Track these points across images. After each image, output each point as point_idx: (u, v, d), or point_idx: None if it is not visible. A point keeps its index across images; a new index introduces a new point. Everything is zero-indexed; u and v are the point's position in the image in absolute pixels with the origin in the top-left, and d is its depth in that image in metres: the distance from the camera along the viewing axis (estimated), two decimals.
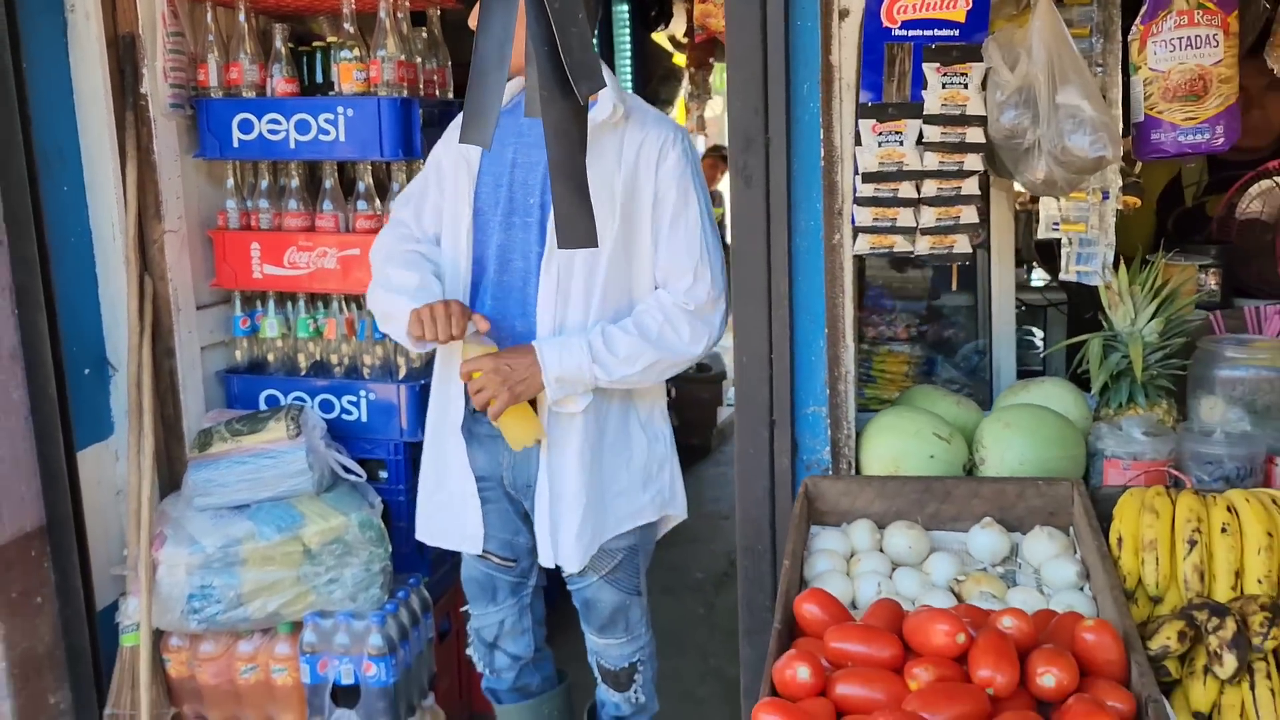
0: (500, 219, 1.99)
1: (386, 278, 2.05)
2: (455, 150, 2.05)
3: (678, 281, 1.95)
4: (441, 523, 2.21)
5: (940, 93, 1.83)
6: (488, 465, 2.12)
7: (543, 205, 1.95)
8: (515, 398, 1.92)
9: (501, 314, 2.00)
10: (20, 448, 2.34)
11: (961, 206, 1.90)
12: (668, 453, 2.13)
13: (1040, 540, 1.66)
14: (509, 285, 2.00)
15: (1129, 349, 2.06)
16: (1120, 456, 1.94)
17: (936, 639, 1.24)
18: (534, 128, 1.96)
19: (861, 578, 1.61)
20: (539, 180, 1.95)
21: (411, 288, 1.99)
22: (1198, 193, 2.65)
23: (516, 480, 2.12)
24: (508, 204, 1.99)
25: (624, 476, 2.07)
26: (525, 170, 1.97)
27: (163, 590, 2.45)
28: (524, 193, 1.98)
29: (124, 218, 2.51)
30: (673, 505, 2.16)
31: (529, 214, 1.96)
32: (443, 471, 2.18)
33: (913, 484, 1.78)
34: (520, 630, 2.30)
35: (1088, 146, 1.71)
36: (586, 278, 1.94)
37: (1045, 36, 1.77)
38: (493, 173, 2.01)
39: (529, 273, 1.97)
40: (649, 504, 2.11)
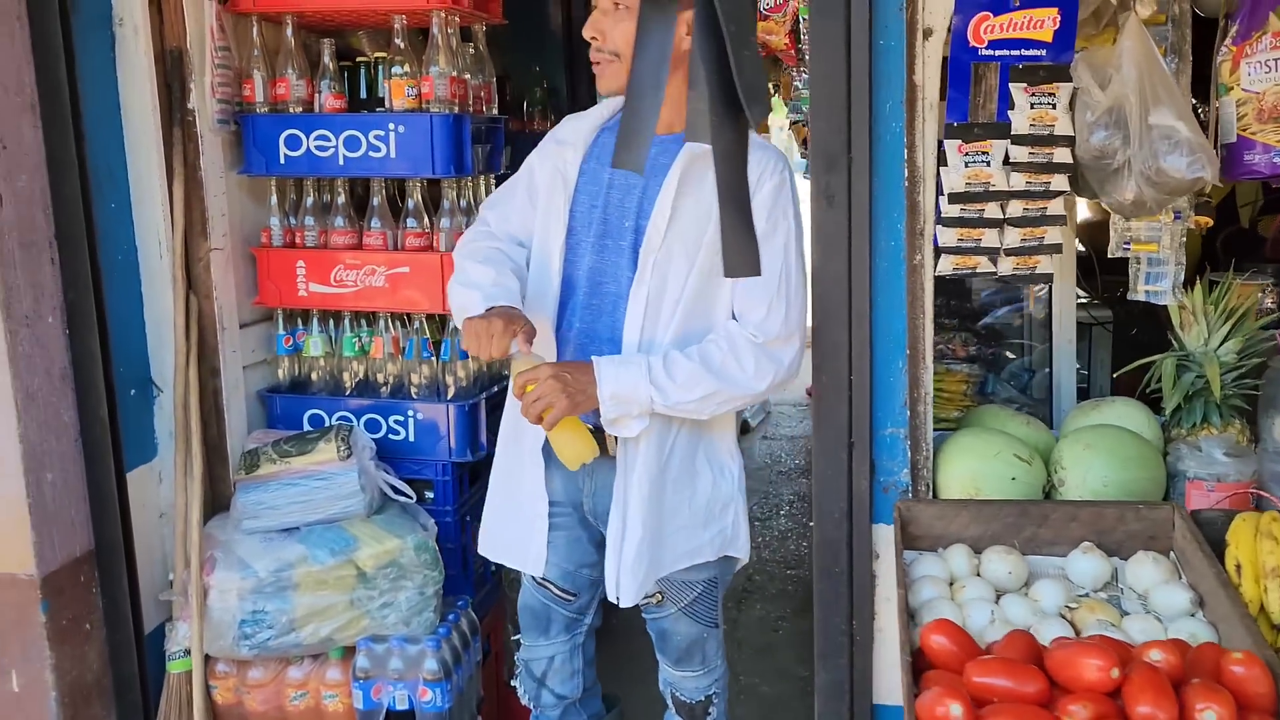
0: (593, 240, 1.95)
1: (465, 273, 1.98)
2: (552, 164, 2.01)
3: (751, 313, 1.89)
4: (506, 539, 2.16)
5: (1029, 113, 1.82)
6: (565, 490, 2.07)
7: (636, 229, 1.90)
8: (571, 408, 1.84)
9: (590, 337, 1.95)
10: (70, 471, 2.28)
11: (1046, 227, 1.90)
12: (734, 492, 2.06)
13: (1145, 565, 1.65)
14: (599, 309, 1.96)
15: (1204, 369, 2.05)
16: (1204, 478, 1.93)
17: (1088, 674, 1.22)
18: None
19: (970, 605, 1.59)
20: (634, 203, 1.91)
21: (486, 284, 1.92)
22: (1253, 213, 2.66)
23: (597, 507, 2.06)
24: (601, 225, 1.94)
25: (685, 513, 2.01)
26: (621, 192, 1.93)
27: (214, 616, 2.39)
28: (619, 215, 1.93)
29: (171, 235, 2.46)
30: (734, 546, 2.08)
31: (622, 237, 1.92)
32: (514, 490, 2.12)
33: (1009, 507, 1.77)
34: (570, 671, 2.25)
35: (1185, 168, 1.71)
36: (674, 304, 1.89)
37: (1136, 56, 1.77)
38: (589, 192, 1.96)
39: (620, 297, 1.93)
40: (708, 543, 2.04)
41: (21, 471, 2.15)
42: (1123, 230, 2.13)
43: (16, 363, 2.13)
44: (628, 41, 1.82)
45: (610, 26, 1.84)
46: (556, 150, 1.99)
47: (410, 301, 2.60)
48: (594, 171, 1.96)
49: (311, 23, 2.65)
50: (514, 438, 2.12)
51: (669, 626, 2.10)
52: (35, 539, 2.18)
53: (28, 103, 2.14)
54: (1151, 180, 1.75)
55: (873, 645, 2.11)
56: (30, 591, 2.20)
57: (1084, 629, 1.53)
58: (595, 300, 1.95)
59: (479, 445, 2.71)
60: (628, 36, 1.82)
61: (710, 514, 2.02)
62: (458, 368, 2.67)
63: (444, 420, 2.65)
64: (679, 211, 1.84)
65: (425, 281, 2.57)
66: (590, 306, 1.95)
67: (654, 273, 1.87)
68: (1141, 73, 1.76)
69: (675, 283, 1.87)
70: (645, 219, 1.88)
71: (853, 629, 2.10)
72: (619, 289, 1.92)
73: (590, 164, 1.97)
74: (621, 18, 1.82)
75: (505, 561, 2.19)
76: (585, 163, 1.97)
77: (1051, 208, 1.87)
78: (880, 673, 2.12)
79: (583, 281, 1.95)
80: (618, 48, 1.83)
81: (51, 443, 2.22)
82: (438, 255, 2.56)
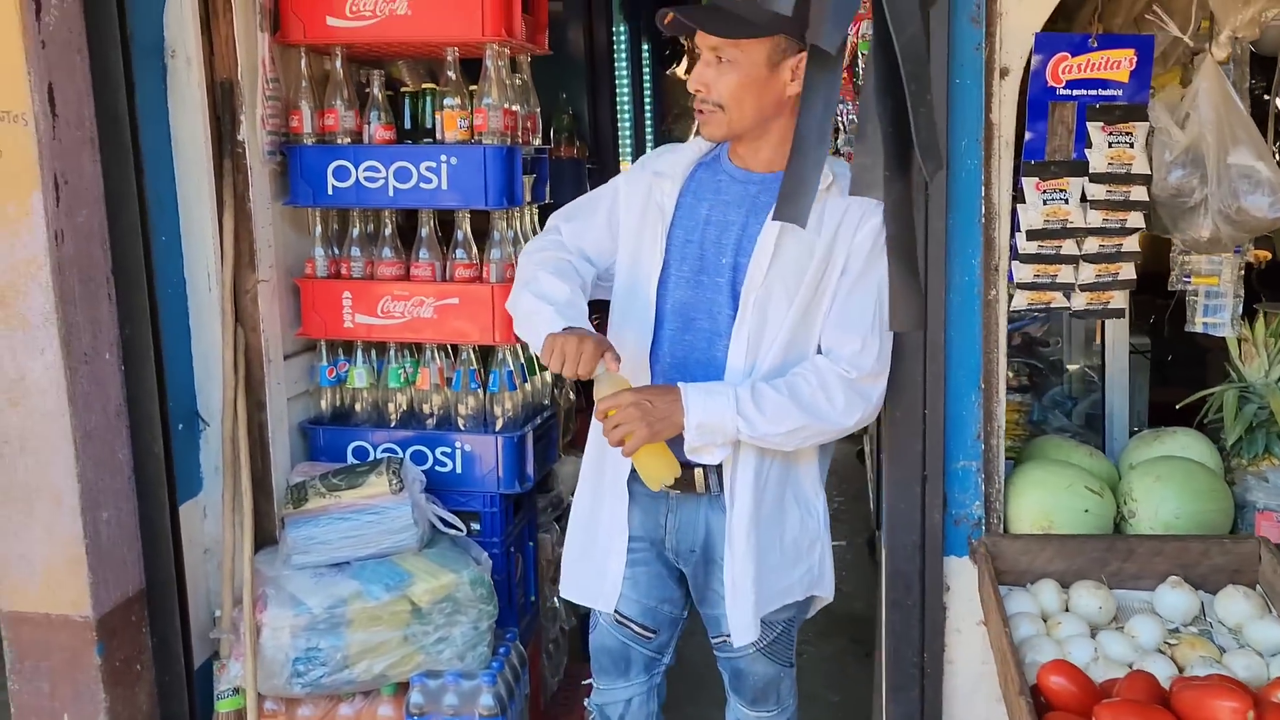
0: (688, 275, 1.94)
1: (537, 281, 1.96)
2: (648, 194, 2.00)
3: (845, 347, 1.88)
4: (581, 577, 2.13)
5: (1106, 151, 1.85)
6: (645, 525, 2.05)
7: (735, 266, 1.90)
8: (652, 435, 1.82)
9: (681, 370, 1.94)
10: (124, 509, 2.25)
11: (1121, 263, 1.92)
12: (820, 530, 2.05)
13: (1235, 600, 1.67)
14: (691, 344, 1.94)
15: (1267, 400, 2.09)
16: (1274, 509, 1.96)
17: (1223, 716, 1.23)
18: (731, 186, 1.93)
19: (1070, 642, 1.60)
20: (733, 241, 1.91)
21: (561, 300, 1.91)
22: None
23: (680, 544, 2.04)
24: (697, 261, 1.94)
25: (775, 552, 1.99)
26: (719, 229, 1.93)
27: (266, 653, 2.36)
28: (716, 251, 1.92)
29: (220, 267, 2.43)
30: (820, 586, 2.07)
31: (720, 273, 1.91)
32: (593, 527, 2.10)
33: (1094, 542, 1.78)
34: (646, 714, 2.21)
35: (1267, 208, 1.74)
36: (774, 341, 1.89)
37: (1213, 97, 1.80)
38: (684, 226, 1.95)
39: (714, 332, 1.92)
40: (797, 582, 2.03)
41: (79, 511, 2.12)
42: (1182, 263, 2.16)
43: (76, 401, 2.09)
44: (731, 94, 1.83)
45: (714, 79, 1.84)
46: (655, 182, 1.99)
47: (459, 332, 2.59)
48: (690, 206, 1.96)
49: (358, 53, 2.64)
50: (596, 470, 2.10)
51: (745, 666, 2.08)
52: (91, 579, 2.15)
53: (87, 136, 2.12)
54: (1231, 218, 1.78)
55: (942, 677, 2.12)
56: (85, 633, 2.16)
57: (1187, 666, 1.54)
58: (688, 335, 1.94)
59: (526, 477, 2.70)
60: (731, 89, 1.83)
61: (798, 552, 2.01)
62: (505, 398, 2.66)
63: (492, 452, 2.63)
64: (781, 250, 1.84)
65: (475, 312, 2.56)
66: (682, 341, 1.94)
67: (755, 310, 1.87)
68: (1219, 113, 1.79)
69: (775, 319, 1.87)
70: (745, 256, 1.88)
71: (924, 661, 2.10)
72: (713, 325, 1.92)
73: (686, 198, 1.97)
74: (725, 71, 1.82)
75: (581, 600, 2.15)
76: (681, 196, 1.97)
77: (1126, 244, 1.90)
78: (951, 704, 2.13)
79: (672, 315, 1.95)
80: (722, 100, 1.84)
81: (107, 481, 2.19)
82: (488, 287, 2.55)
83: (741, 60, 1.80)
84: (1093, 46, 1.84)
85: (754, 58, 1.79)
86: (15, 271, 2.04)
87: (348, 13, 2.48)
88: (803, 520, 2.01)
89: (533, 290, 1.97)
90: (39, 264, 2.03)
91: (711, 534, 2.02)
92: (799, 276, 1.85)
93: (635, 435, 1.81)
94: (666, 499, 2.02)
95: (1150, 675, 1.40)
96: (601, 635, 2.18)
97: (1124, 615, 1.74)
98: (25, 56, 1.95)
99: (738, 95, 1.82)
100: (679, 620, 2.13)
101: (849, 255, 1.86)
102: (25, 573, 2.16)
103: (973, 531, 2.06)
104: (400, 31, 2.47)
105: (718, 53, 1.82)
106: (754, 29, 1.77)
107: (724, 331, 1.90)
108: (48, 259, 2.02)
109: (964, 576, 2.09)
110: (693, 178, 1.99)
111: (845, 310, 1.86)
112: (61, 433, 2.09)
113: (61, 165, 2.04)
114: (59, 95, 2.03)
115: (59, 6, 2.02)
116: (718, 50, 1.82)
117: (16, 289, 2.05)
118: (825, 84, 1.05)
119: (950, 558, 2.08)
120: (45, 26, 1.99)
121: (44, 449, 2.10)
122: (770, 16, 1.75)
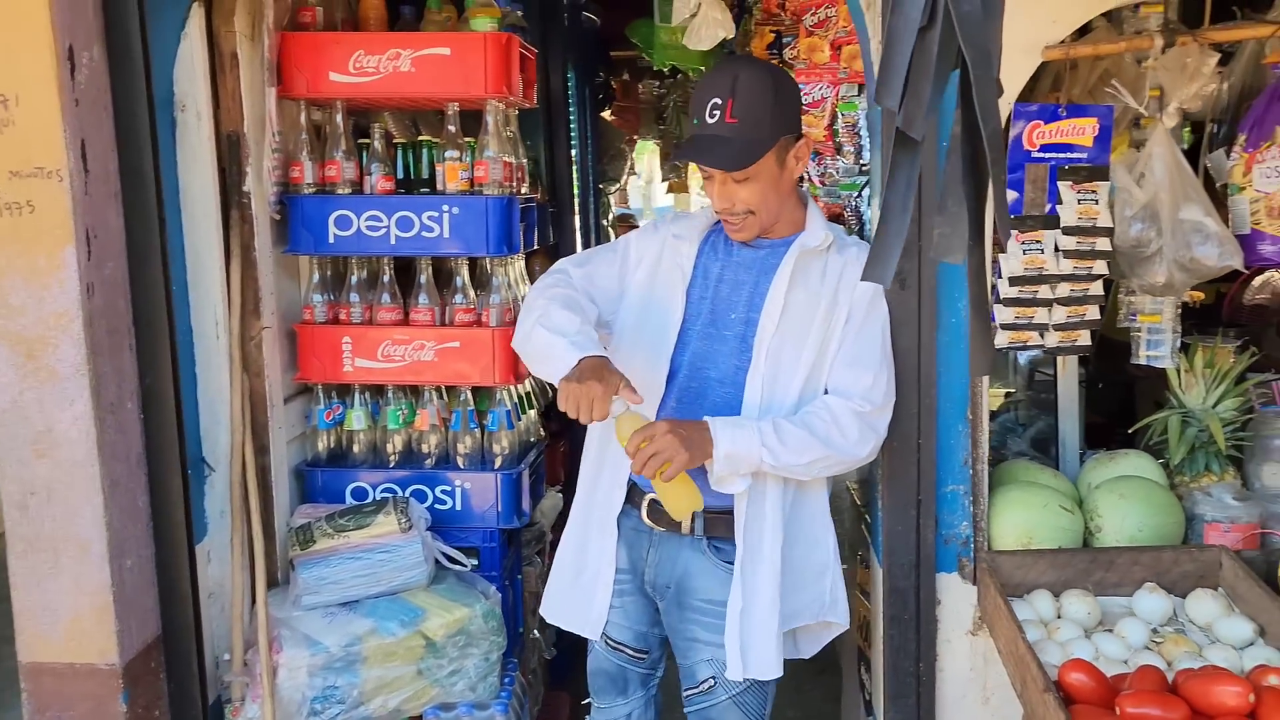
0: (700, 329, 2.10)
1: (548, 316, 2.04)
2: (667, 255, 2.15)
3: (857, 384, 2.04)
4: (567, 604, 2.26)
5: (1076, 207, 2.09)
6: (630, 558, 2.19)
7: (746, 321, 2.06)
8: (690, 461, 1.92)
9: (692, 417, 2.05)
10: (143, 556, 2.27)
11: (1087, 305, 2.16)
12: (829, 559, 2.17)
13: (1204, 601, 1.90)
14: (698, 391, 2.09)
15: (1206, 423, 2.35)
16: (1220, 520, 2.22)
17: (1229, 700, 1.44)
18: (743, 251, 2.12)
19: (1072, 644, 1.81)
20: (744, 297, 2.08)
21: (573, 330, 2.00)
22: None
23: (657, 580, 2.18)
24: (709, 316, 2.10)
25: (785, 574, 2.10)
26: (730, 288, 2.10)
27: (284, 694, 2.40)
28: (726, 308, 2.09)
29: (228, 315, 2.49)
30: (833, 612, 2.19)
31: (728, 328, 2.08)
32: (582, 558, 2.24)
33: (1081, 555, 2.00)
34: None
35: (1217, 257, 2.00)
36: (788, 384, 2.05)
37: (1165, 160, 2.06)
38: (699, 285, 2.12)
39: (720, 381, 2.07)
40: (805, 607, 2.14)
41: (107, 559, 2.14)
42: (1129, 304, 2.42)
43: (104, 450, 2.12)
44: (760, 200, 2.03)
45: (736, 192, 2.02)
46: (673, 243, 2.16)
47: (460, 374, 2.69)
48: (704, 267, 2.14)
49: (355, 105, 2.73)
50: (589, 505, 2.24)
51: (716, 716, 2.17)
52: (118, 627, 2.17)
53: (113, 190, 2.16)
54: (1185, 266, 2.04)
55: (935, 684, 2.31)
56: (111, 682, 2.18)
57: (1174, 661, 1.76)
58: (695, 384, 2.10)
59: (523, 512, 2.81)
60: (758, 197, 2.02)
61: (805, 579, 2.14)
62: (503, 436, 2.77)
63: (492, 488, 2.74)
64: (790, 305, 2.03)
65: (476, 355, 2.67)
66: (690, 389, 2.10)
67: (768, 359, 2.04)
68: (1171, 174, 2.05)
69: (788, 366, 2.04)
70: (755, 311, 2.06)
71: (919, 670, 2.29)
72: (719, 374, 2.08)
73: (700, 259, 2.14)
74: (745, 185, 2.01)
75: (565, 625, 2.28)
76: (697, 258, 2.14)
77: (1092, 289, 2.14)
78: (943, 709, 2.32)
79: (684, 367, 2.11)
80: (752, 206, 2.03)
81: (130, 528, 2.22)
82: (489, 330, 2.67)
83: (761, 171, 2.00)
84: (1062, 115, 2.08)
85: (769, 165, 2.00)
86: (45, 324, 2.07)
87: (351, 69, 2.58)
88: (811, 549, 2.15)
89: (545, 325, 2.04)
90: (70, 316, 2.06)
91: (688, 574, 2.16)
92: (807, 325, 2.04)
93: (676, 461, 1.90)
94: (650, 534, 2.17)
95: (1157, 669, 1.61)
96: (598, 660, 2.30)
97: (1107, 619, 1.96)
98: (61, 114, 2.00)
99: (764, 198, 2.03)
100: (665, 639, 2.28)
101: (852, 305, 2.06)
102: (48, 623, 2.17)
103: (961, 550, 2.27)
104: (403, 87, 2.58)
105: (734, 174, 2.00)
106: (765, 145, 1.97)
107: (729, 380, 2.07)
108: (80, 312, 2.06)
109: (953, 591, 2.29)
110: (707, 240, 2.17)
111: (855, 350, 2.05)
112: (90, 482, 2.11)
113: (92, 220, 2.09)
114: (90, 151, 2.07)
115: (89, 65, 2.08)
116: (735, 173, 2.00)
117: (46, 342, 2.07)
118: (908, 164, 1.23)
119: (941, 574, 2.28)
120: (78, 84, 2.04)
121: (72, 498, 2.12)
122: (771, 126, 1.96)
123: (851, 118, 2.64)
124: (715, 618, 2.13)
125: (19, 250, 2.04)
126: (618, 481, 2.19)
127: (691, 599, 2.16)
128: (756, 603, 2.06)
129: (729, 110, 1.95)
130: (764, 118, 1.96)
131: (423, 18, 2.77)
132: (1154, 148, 2.08)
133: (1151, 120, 2.14)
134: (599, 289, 2.22)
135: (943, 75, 1.16)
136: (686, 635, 2.19)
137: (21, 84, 1.98)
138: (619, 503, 2.19)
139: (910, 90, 1.16)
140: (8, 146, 2.00)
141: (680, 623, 2.19)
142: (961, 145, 1.20)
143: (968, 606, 2.28)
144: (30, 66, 1.97)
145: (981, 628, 2.28)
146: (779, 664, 2.09)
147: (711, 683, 2.16)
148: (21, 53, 1.97)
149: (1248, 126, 2.11)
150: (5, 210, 2.02)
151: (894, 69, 1.14)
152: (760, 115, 1.96)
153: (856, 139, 2.64)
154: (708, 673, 2.16)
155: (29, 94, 1.99)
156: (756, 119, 1.96)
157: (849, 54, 2.66)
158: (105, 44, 2.12)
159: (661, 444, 1.90)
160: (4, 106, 1.99)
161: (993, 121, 1.15)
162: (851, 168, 2.64)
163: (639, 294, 2.18)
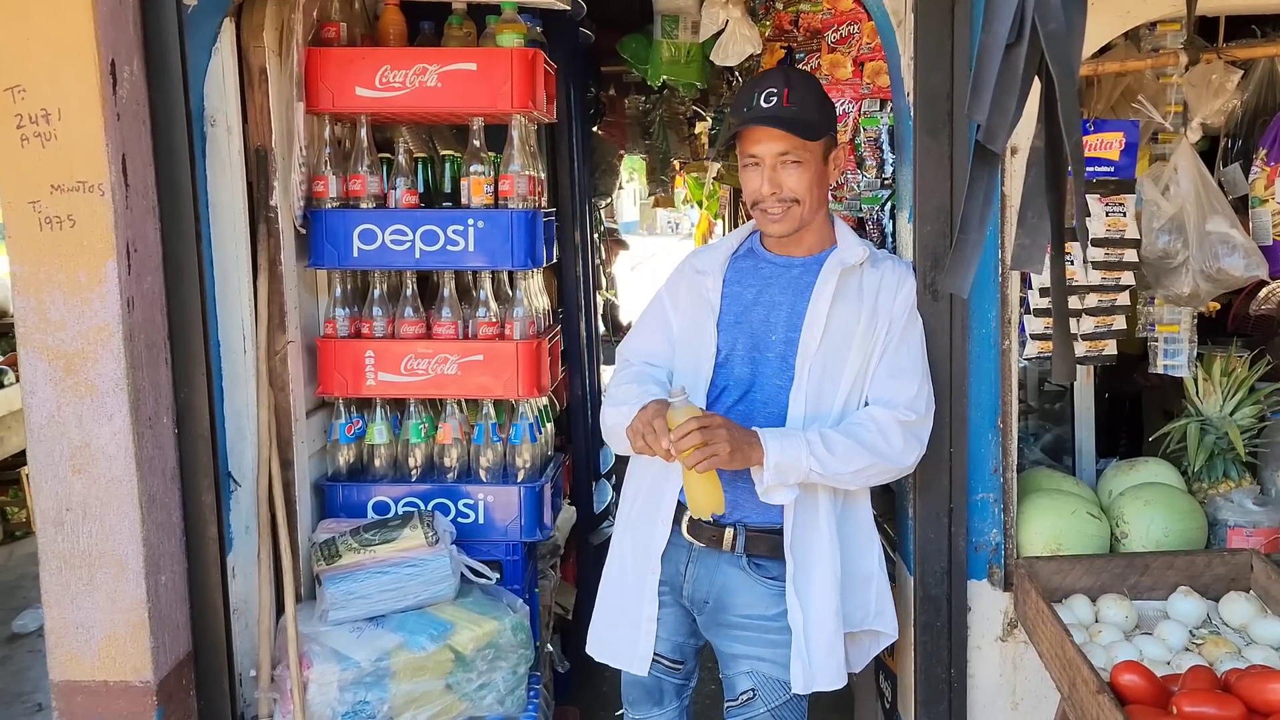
0: (743, 353, 2.13)
1: (612, 397, 2.15)
2: (693, 291, 2.20)
3: (901, 393, 2.08)
4: (612, 640, 2.26)
5: (1104, 219, 2.14)
6: (667, 571, 2.20)
7: (786, 340, 2.10)
8: (728, 461, 1.94)
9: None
10: (176, 572, 2.25)
11: (1115, 315, 2.21)
12: (874, 568, 2.19)
13: (1238, 603, 1.95)
14: (746, 414, 2.11)
15: (1224, 431, 2.41)
16: (1243, 525, 2.27)
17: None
18: (774, 272, 2.16)
19: (1115, 647, 1.84)
20: (782, 318, 2.11)
21: (633, 399, 2.08)
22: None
23: (694, 594, 2.19)
24: (749, 340, 2.13)
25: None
26: (766, 309, 2.14)
27: (314, 710, 2.39)
28: (765, 329, 2.13)
29: (255, 330, 2.48)
30: (880, 620, 2.20)
31: (770, 349, 2.11)
32: (623, 589, 2.25)
33: (1117, 560, 2.04)
34: None
35: (1243, 268, 2.05)
36: (832, 398, 2.08)
37: (1190, 174, 2.12)
38: (732, 312, 2.16)
39: (767, 401, 2.11)
40: (851, 613, 2.15)
41: (144, 575, 2.12)
42: (1147, 314, 2.48)
43: (142, 466, 2.11)
44: (806, 188, 2.07)
45: (785, 178, 2.06)
46: (698, 279, 2.20)
47: (483, 388, 2.70)
48: (735, 294, 2.17)
49: (376, 120, 2.74)
50: (634, 533, 2.24)
51: None
52: (153, 643, 2.15)
53: (151, 205, 2.15)
54: (1211, 277, 2.09)
55: (966, 690, 2.34)
56: (146, 699, 2.16)
57: (1215, 662, 1.80)
58: (743, 406, 2.12)
59: (545, 525, 2.81)
60: (805, 184, 2.06)
61: (851, 586, 2.14)
62: (525, 449, 2.78)
63: (515, 502, 2.74)
64: (831, 321, 2.06)
65: (500, 368, 2.67)
66: (737, 411, 2.12)
67: (810, 376, 2.07)
68: (1196, 187, 2.11)
69: (830, 382, 2.08)
70: (795, 331, 2.09)
71: (951, 677, 2.32)
72: (764, 395, 2.12)
73: (731, 287, 2.18)
74: (795, 170, 2.05)
75: (610, 661, 2.28)
76: (726, 286, 2.18)
77: (1120, 299, 2.19)
78: (974, 715, 2.35)
79: (734, 388, 2.13)
80: (797, 194, 2.07)
81: (165, 544, 2.20)
82: (513, 344, 2.68)
83: (810, 158, 2.05)
84: (1090, 130, 2.14)
85: (817, 154, 2.07)
86: (85, 339, 2.05)
87: (377, 83, 2.58)
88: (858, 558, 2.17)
89: (611, 404, 2.16)
90: (111, 331, 2.05)
91: (726, 589, 2.18)
92: (848, 340, 2.08)
93: (717, 456, 1.92)
94: (689, 549, 2.18)
95: (1209, 669, 1.65)
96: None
97: (1143, 623, 2.00)
98: (104, 128, 1.99)
99: (809, 189, 2.07)
100: (700, 648, 2.30)
101: (891, 318, 2.10)
102: (81, 641, 2.15)
103: (991, 557, 2.30)
104: (428, 102, 2.59)
105: (786, 156, 2.05)
106: (821, 130, 2.05)
107: (772, 400, 2.11)
108: (120, 326, 2.05)
109: (984, 598, 2.33)
110: (732, 268, 2.21)
111: (897, 361, 2.09)
112: (128, 498, 2.10)
113: (132, 234, 2.08)
114: (130, 165, 2.07)
115: (130, 80, 2.07)
116: (787, 154, 2.04)
117: (85, 356, 2.06)
118: (988, 177, 1.27)
119: (971, 581, 2.32)
120: (120, 99, 2.04)
121: (109, 515, 2.10)
122: (821, 118, 2.01)
123: (873, 132, 2.69)
124: (755, 631, 2.15)
125: (59, 264, 2.03)
126: (663, 518, 2.20)
127: (730, 614, 2.18)
128: (817, 614, 2.08)
129: (785, 97, 2.03)
130: (816, 109, 2.06)
131: (443, 33, 2.78)
132: (1179, 161, 2.13)
133: (1171, 135, 2.20)
134: (654, 353, 2.28)
135: (1025, 91, 1.20)
136: (726, 650, 2.21)
137: (65, 98, 1.97)
138: (664, 540, 2.20)
139: (995, 105, 1.19)
140: (50, 160, 1.99)
141: (718, 637, 2.21)
142: (1044, 158, 1.23)
143: (997, 613, 2.32)
144: (73, 80, 1.97)
145: (1010, 634, 2.32)
146: (843, 674, 2.11)
147: (751, 694, 2.17)
148: (65, 66, 1.97)
149: (1269, 141, 2.18)
150: (45, 224, 2.01)
151: (984, 83, 1.18)
152: (814, 105, 2.05)
153: (879, 153, 2.69)
154: (747, 685, 2.17)
155: (71, 107, 1.98)
156: (812, 107, 2.04)
157: (872, 70, 2.71)
158: (144, 58, 2.12)
159: (712, 435, 1.93)
160: (46, 120, 1.98)
161: (1075, 135, 1.19)
162: (874, 181, 2.69)
163: (681, 336, 2.23)
